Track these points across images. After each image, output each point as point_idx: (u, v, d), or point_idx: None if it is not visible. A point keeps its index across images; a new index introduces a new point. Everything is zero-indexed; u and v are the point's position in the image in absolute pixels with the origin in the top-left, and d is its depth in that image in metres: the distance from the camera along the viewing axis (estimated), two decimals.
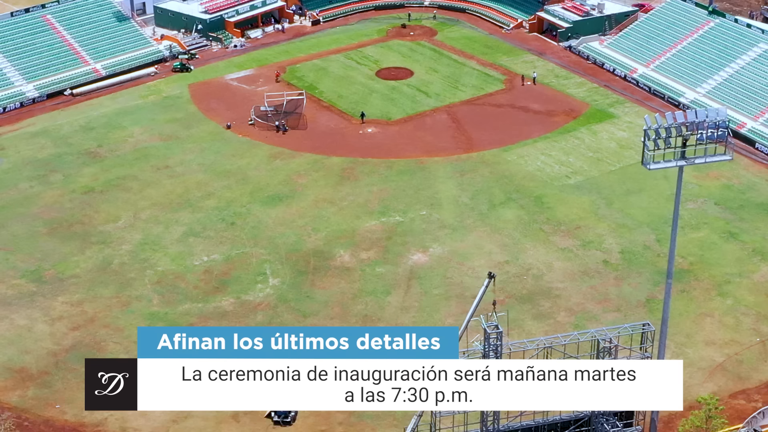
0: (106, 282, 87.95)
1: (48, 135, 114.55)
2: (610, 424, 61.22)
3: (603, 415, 61.20)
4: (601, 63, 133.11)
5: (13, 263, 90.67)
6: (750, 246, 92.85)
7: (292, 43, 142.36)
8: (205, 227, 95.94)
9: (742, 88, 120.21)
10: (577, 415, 61.66)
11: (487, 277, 59.27)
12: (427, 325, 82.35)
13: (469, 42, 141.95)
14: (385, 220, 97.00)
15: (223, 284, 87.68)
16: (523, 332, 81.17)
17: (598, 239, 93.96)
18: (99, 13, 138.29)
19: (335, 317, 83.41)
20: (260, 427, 71.80)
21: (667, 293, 61.00)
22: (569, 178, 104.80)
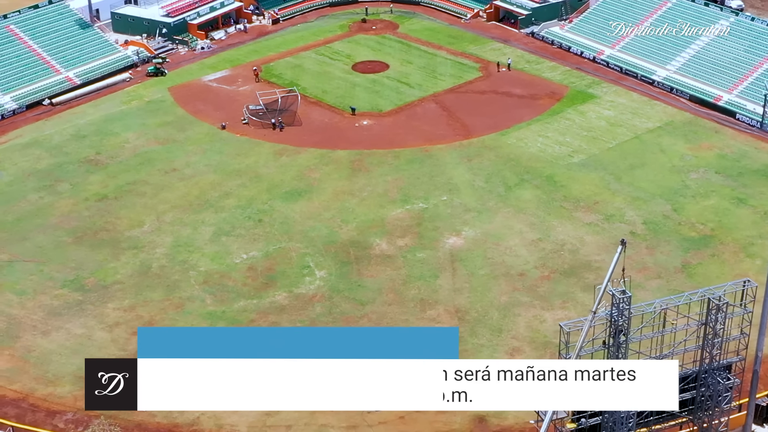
0: (152, 286, 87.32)
1: (40, 145, 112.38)
2: (722, 378, 64.21)
3: (713, 370, 64.17)
4: (567, 47, 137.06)
5: (49, 274, 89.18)
6: (761, 209, 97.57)
7: (258, 42, 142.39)
8: (234, 226, 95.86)
9: (712, 63, 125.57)
10: (684, 373, 64.43)
11: (620, 244, 61.37)
12: (484, 304, 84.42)
13: (432, 33, 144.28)
14: (410, 208, 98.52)
15: (271, 279, 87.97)
16: (577, 304, 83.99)
17: (619, 213, 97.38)
18: (61, 21, 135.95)
19: (392, 303, 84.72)
20: (353, 414, 72.60)
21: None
22: (572, 157, 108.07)
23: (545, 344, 79.54)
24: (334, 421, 71.95)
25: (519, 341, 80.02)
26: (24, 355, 79.15)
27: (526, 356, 78.26)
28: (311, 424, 71.69)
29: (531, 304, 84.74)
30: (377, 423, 71.64)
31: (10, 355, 79.23)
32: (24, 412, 73.20)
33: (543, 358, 77.86)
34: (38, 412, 73.08)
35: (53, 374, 76.89)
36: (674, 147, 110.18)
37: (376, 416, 72.01)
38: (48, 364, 78.01)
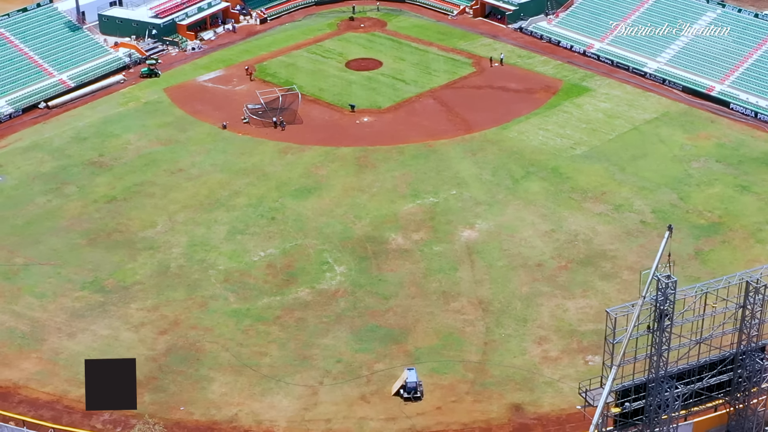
0: (173, 285, 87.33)
1: (41, 149, 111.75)
2: (760, 359, 65.64)
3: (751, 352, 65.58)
4: (556, 41, 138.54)
5: (67, 276, 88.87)
6: (765, 196, 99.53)
7: (248, 42, 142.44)
8: (248, 224, 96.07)
9: (702, 55, 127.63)
10: (722, 355, 65.78)
11: (667, 230, 62.50)
12: (506, 295, 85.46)
13: (421, 30, 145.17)
14: (421, 202, 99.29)
15: (292, 276, 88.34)
16: (598, 293, 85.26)
17: (627, 202, 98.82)
18: (50, 23, 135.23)
19: (416, 296, 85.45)
20: (391, 405, 73.33)
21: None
22: (574, 149, 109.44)
23: (571, 333, 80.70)
24: (373, 413, 72.54)
25: (545, 330, 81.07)
26: (52, 357, 78.84)
27: (553, 345, 79.36)
28: (350, 417, 72.23)
29: (552, 294, 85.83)
30: (415, 414, 72.34)
31: (38, 357, 78.90)
32: (59, 413, 72.97)
33: (570, 346, 79.14)
34: (74, 414, 72.85)
35: (84, 376, 76.48)
36: (673, 137, 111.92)
37: (414, 407, 72.71)
38: (78, 365, 77.60)
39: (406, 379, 73.38)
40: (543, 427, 71.06)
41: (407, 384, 73.25)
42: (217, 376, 76.48)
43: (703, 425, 69.39)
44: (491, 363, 77.43)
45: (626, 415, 64.34)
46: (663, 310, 61.28)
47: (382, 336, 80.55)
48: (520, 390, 74.54)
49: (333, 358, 78.04)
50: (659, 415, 63.85)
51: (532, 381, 75.41)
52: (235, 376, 76.41)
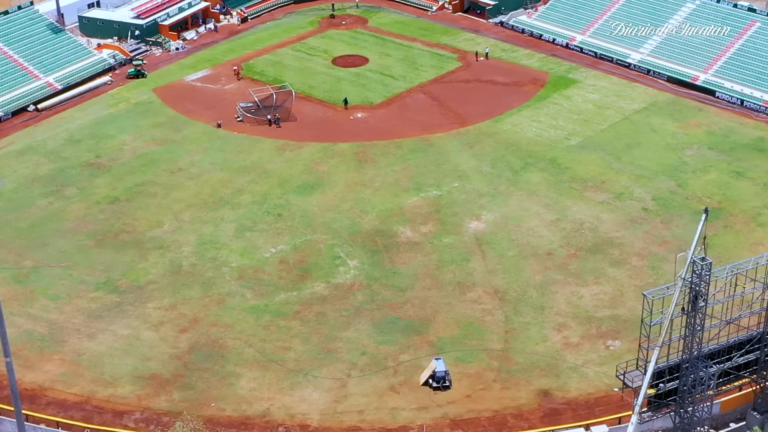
0: (188, 284, 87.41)
1: (36, 151, 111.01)
2: None
3: None
4: (538, 35, 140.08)
5: (79, 278, 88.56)
6: (760, 181, 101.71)
7: (231, 41, 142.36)
8: (255, 222, 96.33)
9: (684, 45, 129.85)
10: (750, 335, 67.47)
11: (704, 212, 63.82)
12: (520, 284, 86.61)
13: (403, 26, 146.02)
14: (425, 196, 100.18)
15: (306, 271, 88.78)
16: (610, 279, 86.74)
17: (627, 191, 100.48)
18: (32, 26, 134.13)
19: (431, 287, 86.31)
20: (421, 395, 74.12)
21: None
22: (569, 140, 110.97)
23: (588, 319, 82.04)
24: (404, 403, 73.26)
25: (563, 317, 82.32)
26: (75, 359, 78.61)
27: (573, 331, 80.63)
28: (382, 408, 72.91)
29: (565, 282, 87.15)
30: (446, 403, 73.19)
31: (60, 359, 78.64)
32: (90, 414, 72.85)
33: (589, 332, 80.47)
34: (105, 414, 72.79)
35: (110, 376, 76.61)
36: (664, 126, 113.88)
37: (444, 396, 73.56)
38: (102, 366, 77.67)
39: (434, 369, 74.17)
40: (573, 411, 72.24)
41: (436, 373, 74.06)
42: (244, 371, 76.70)
43: (730, 404, 70.92)
44: (514, 351, 78.47)
45: (660, 396, 65.71)
46: (698, 291, 62.60)
47: (403, 327, 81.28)
48: (546, 376, 75.64)
49: (357, 351, 78.63)
50: (693, 394, 65.23)
51: (557, 367, 76.60)
52: (261, 371, 76.69)
